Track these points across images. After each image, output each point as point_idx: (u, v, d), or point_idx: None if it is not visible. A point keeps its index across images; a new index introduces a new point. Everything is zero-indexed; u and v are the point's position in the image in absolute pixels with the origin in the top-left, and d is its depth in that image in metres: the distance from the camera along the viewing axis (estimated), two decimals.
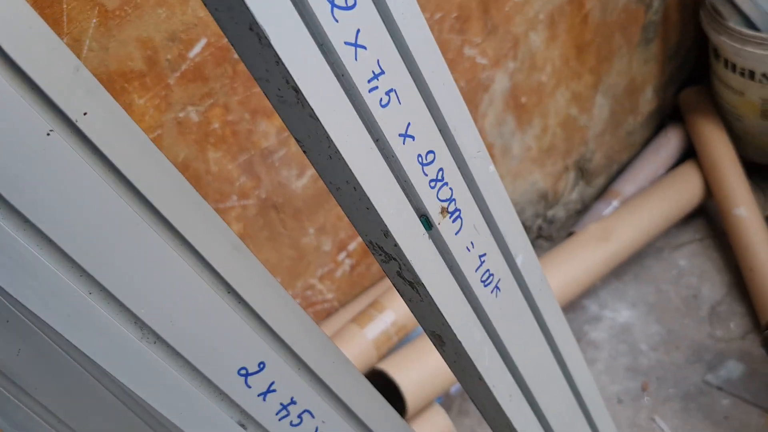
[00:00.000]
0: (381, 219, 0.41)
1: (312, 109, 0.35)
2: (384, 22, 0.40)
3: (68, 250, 0.35)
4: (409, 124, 0.42)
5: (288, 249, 1.07)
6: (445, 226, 0.46)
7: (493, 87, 1.24)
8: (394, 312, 1.14)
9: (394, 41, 0.41)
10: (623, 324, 1.46)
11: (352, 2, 0.37)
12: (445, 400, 1.36)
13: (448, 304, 0.47)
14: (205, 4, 0.33)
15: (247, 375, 0.44)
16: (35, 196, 0.34)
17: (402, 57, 0.42)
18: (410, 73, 0.43)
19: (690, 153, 1.64)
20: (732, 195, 1.49)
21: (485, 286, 0.50)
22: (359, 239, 1.19)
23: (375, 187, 0.40)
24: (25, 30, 0.31)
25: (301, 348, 0.46)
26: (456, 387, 1.35)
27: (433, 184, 0.44)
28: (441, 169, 0.45)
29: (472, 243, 0.48)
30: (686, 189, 1.54)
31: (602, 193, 1.64)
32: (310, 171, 1.05)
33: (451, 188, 0.46)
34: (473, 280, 0.49)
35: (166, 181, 0.38)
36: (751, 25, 1.42)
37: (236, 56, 0.87)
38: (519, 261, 0.53)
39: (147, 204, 0.37)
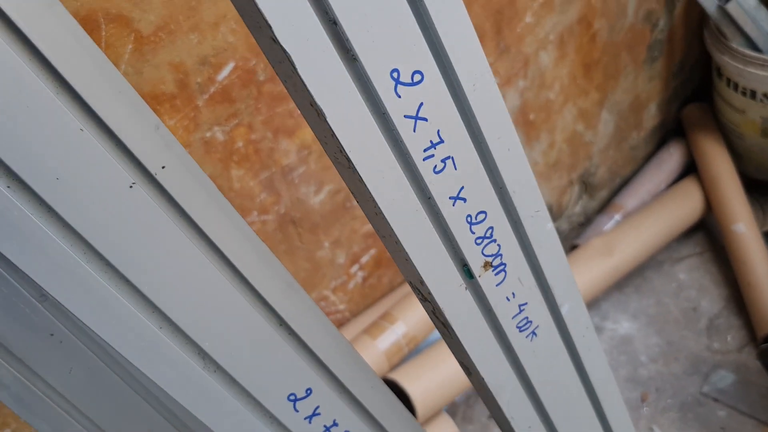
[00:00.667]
0: (417, 272, 0.44)
1: (360, 176, 0.38)
2: (452, 95, 0.42)
3: (144, 289, 0.39)
4: (462, 187, 0.44)
5: (304, 262, 1.11)
6: (486, 278, 0.49)
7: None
8: (405, 324, 1.17)
9: (460, 113, 0.43)
10: (624, 335, 1.50)
11: (419, 78, 0.39)
12: (450, 407, 1.40)
13: (476, 345, 0.50)
14: (277, 73, 0.36)
15: (295, 400, 0.47)
16: (118, 242, 0.37)
17: (467, 127, 0.43)
18: (473, 141, 0.44)
19: (691, 168, 1.68)
20: (731, 211, 1.52)
21: (521, 331, 0.53)
22: (372, 252, 1.23)
23: (416, 244, 0.43)
24: (115, 94, 0.35)
25: (343, 374, 0.49)
26: (461, 396, 1.38)
27: (479, 241, 0.47)
28: (491, 228, 0.47)
29: (513, 293, 0.51)
30: (687, 204, 1.58)
31: (605, 206, 1.68)
32: (328, 187, 1.08)
33: (498, 245, 0.48)
34: (508, 326, 0.52)
35: (229, 226, 0.41)
36: (754, 46, 1.46)
37: (261, 78, 0.90)
38: (564, 310, 0.56)
39: (214, 247, 0.41)
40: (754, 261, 1.45)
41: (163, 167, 0.37)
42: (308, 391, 0.48)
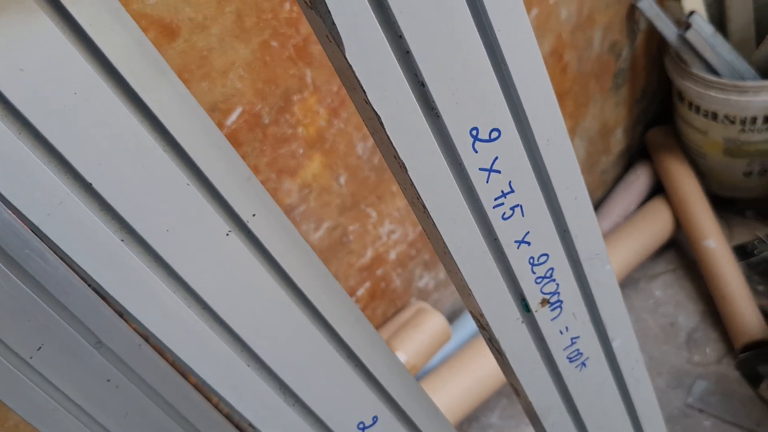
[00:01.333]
0: (479, 306, 0.47)
1: (434, 221, 0.42)
2: (526, 149, 0.45)
3: (237, 330, 0.41)
4: (528, 232, 0.47)
5: None
6: (542, 313, 0.52)
7: None
8: (405, 353, 1.20)
9: (532, 166, 0.46)
10: None
11: (497, 135, 0.42)
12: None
13: (527, 373, 0.53)
14: (366, 125, 0.39)
15: (364, 428, 0.49)
16: (215, 286, 0.39)
17: (537, 178, 0.46)
18: (542, 191, 0.47)
19: (658, 189, 1.75)
20: (701, 227, 1.60)
21: (571, 362, 0.56)
22: (366, 285, 1.25)
23: (479, 282, 0.46)
24: (215, 148, 0.37)
25: (404, 401, 0.52)
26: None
27: (539, 280, 0.50)
28: (551, 269, 0.50)
29: (567, 327, 0.54)
30: (658, 223, 1.65)
31: None
32: (326, 224, 1.10)
33: (557, 284, 0.51)
34: (559, 356, 0.55)
35: (307, 267, 0.43)
36: (713, 71, 1.55)
37: (266, 121, 0.93)
38: (615, 345, 0.59)
39: (294, 287, 0.43)
40: (727, 275, 1.52)
41: (254, 215, 0.39)
42: (374, 419, 0.50)
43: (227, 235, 0.38)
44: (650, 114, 1.85)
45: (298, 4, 0.40)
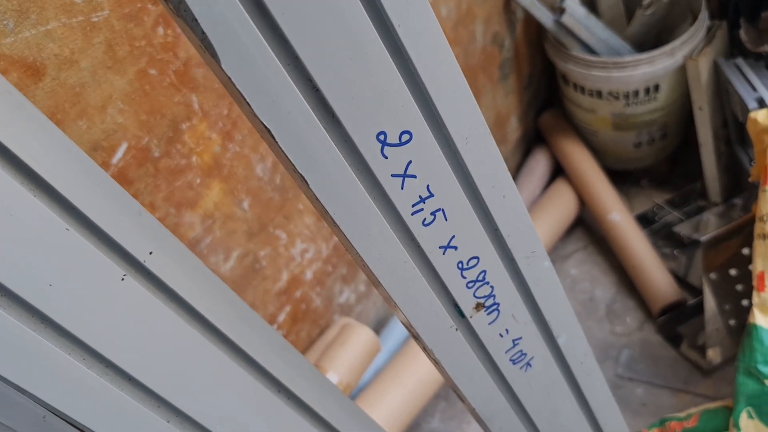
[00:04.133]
0: (405, 317, 0.44)
1: (345, 236, 0.39)
2: (443, 150, 0.42)
3: (148, 383, 0.36)
4: (453, 236, 0.45)
5: None
6: (477, 318, 0.49)
7: None
8: (337, 373, 1.16)
9: (451, 167, 0.43)
10: None
11: (408, 138, 0.39)
12: None
13: (467, 380, 0.50)
14: (263, 138, 0.36)
15: None
16: (116, 339, 0.35)
17: (459, 179, 0.44)
18: (466, 192, 0.44)
19: (559, 171, 1.79)
20: (603, 202, 1.64)
21: (514, 363, 0.54)
22: (287, 309, 1.21)
23: (404, 293, 0.43)
24: (92, 185, 0.33)
25: (341, 423, 0.48)
26: None
27: (471, 284, 0.47)
28: (483, 272, 0.48)
29: (507, 330, 0.52)
30: (563, 204, 1.69)
31: None
32: (235, 253, 1.06)
33: (492, 286, 0.49)
34: (501, 360, 0.53)
35: (218, 299, 0.39)
36: (592, 51, 1.59)
37: (156, 154, 0.88)
38: (561, 341, 0.57)
39: (208, 325, 0.39)
40: (634, 244, 1.57)
41: (150, 252, 0.35)
42: None
43: (123, 279, 0.34)
44: (540, 99, 1.89)
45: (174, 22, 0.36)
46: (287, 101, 0.34)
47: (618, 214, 1.61)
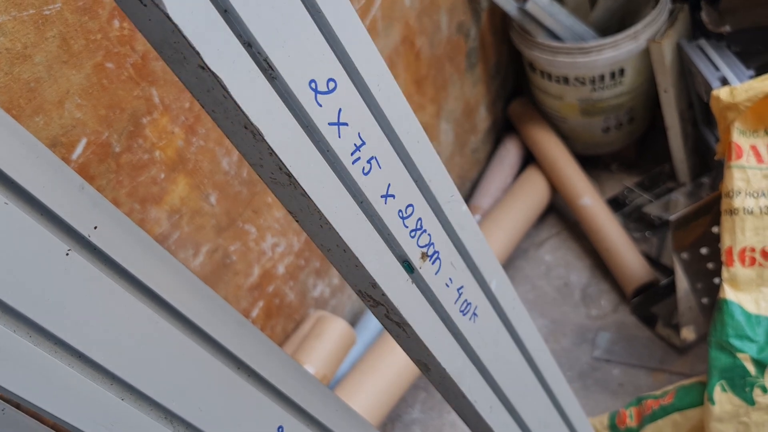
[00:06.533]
0: (369, 274, 0.44)
1: (303, 189, 0.39)
2: (362, 97, 0.44)
3: (100, 360, 0.36)
4: (389, 185, 0.46)
5: None
6: (425, 269, 0.50)
7: None
8: (313, 365, 1.15)
9: (372, 113, 0.44)
10: None
11: (333, 85, 0.40)
12: None
13: (432, 337, 0.51)
14: (203, 105, 0.35)
15: None
16: (63, 315, 0.34)
17: (380, 125, 0.45)
18: (388, 138, 0.46)
19: (530, 158, 1.80)
20: (574, 188, 1.65)
21: (464, 315, 0.54)
22: (260, 304, 1.20)
23: (362, 246, 0.43)
24: (33, 159, 0.32)
25: (307, 402, 0.48)
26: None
27: (413, 233, 0.48)
28: (420, 219, 0.49)
29: (450, 279, 0.52)
30: (535, 191, 1.69)
31: None
32: (204, 248, 1.05)
33: (429, 234, 0.50)
34: (453, 311, 0.53)
35: (170, 274, 0.39)
36: (557, 37, 1.60)
37: (117, 149, 0.87)
38: (493, 286, 0.58)
39: (160, 300, 0.38)
40: (606, 228, 1.58)
41: (95, 227, 0.35)
42: (280, 429, 0.46)
43: (67, 254, 0.34)
44: (508, 88, 1.90)
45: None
46: (230, 52, 0.34)
47: (589, 199, 1.62)
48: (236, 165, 1.05)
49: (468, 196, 1.78)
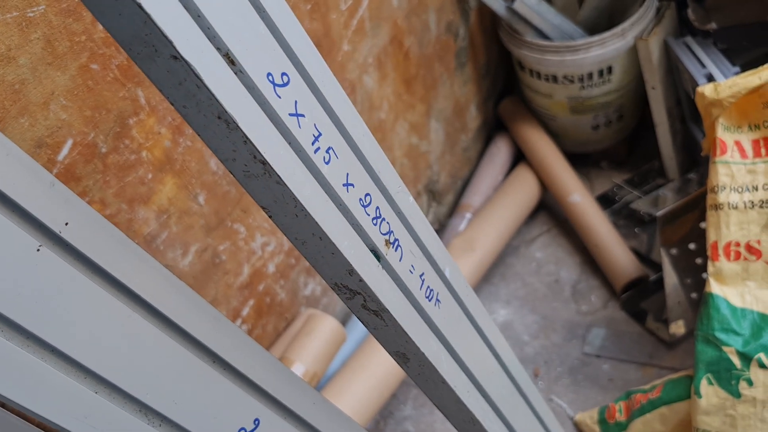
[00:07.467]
0: (346, 260, 0.45)
1: (279, 176, 0.39)
2: (312, 91, 0.45)
3: (73, 354, 0.36)
4: (348, 174, 0.47)
5: None
6: (391, 256, 0.51)
7: None
8: (303, 364, 1.16)
9: (322, 106, 0.46)
10: (503, 322, 1.58)
11: (287, 79, 0.42)
12: None
13: (408, 321, 0.52)
14: (172, 102, 0.36)
15: None
16: (35, 310, 0.35)
17: (329, 117, 0.47)
18: (338, 129, 0.48)
19: (520, 157, 1.81)
20: (564, 185, 1.66)
21: (429, 300, 0.56)
22: (250, 303, 1.21)
23: (336, 233, 0.45)
24: (3, 156, 0.33)
25: (284, 395, 0.49)
26: (369, 425, 1.39)
27: (375, 221, 0.49)
28: (378, 207, 0.50)
29: (412, 266, 0.54)
30: (525, 188, 1.70)
31: (454, 209, 1.76)
32: (193, 247, 1.05)
33: (388, 222, 0.51)
34: (420, 297, 0.54)
35: (143, 269, 0.40)
36: (545, 36, 1.61)
37: (103, 150, 0.87)
38: (447, 273, 0.60)
39: (133, 295, 0.39)
40: (596, 224, 1.59)
41: (66, 223, 0.35)
42: (256, 422, 0.47)
43: (38, 250, 0.34)
44: (498, 86, 1.91)
45: None
46: (200, 45, 0.35)
47: (579, 196, 1.63)
48: None
49: (459, 195, 1.79)
